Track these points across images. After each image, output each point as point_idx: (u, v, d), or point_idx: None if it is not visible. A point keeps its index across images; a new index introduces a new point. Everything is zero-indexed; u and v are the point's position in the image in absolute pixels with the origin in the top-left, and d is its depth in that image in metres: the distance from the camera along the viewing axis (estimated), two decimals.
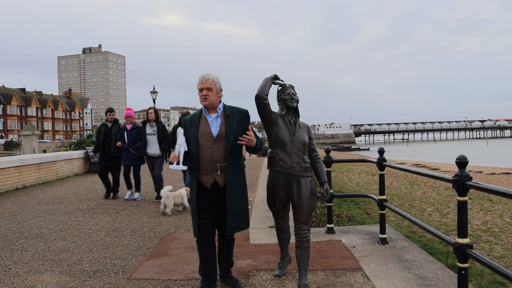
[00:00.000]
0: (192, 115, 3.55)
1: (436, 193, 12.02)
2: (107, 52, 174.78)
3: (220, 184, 3.38)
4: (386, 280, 3.80)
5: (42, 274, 4.23)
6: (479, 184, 2.93)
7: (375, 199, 5.32)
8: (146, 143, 8.38)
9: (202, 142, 3.37)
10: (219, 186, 3.39)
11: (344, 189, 12.37)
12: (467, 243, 3.06)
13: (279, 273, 3.97)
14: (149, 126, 8.48)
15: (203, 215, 3.41)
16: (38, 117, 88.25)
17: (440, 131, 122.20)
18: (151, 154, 8.44)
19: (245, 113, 3.52)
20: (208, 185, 3.40)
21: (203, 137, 3.37)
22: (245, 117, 3.50)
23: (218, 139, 3.36)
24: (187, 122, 3.51)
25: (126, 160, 8.74)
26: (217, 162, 3.36)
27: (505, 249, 6.16)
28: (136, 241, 5.47)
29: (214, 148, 3.35)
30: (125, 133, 8.68)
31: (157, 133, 8.39)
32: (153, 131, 8.42)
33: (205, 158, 3.37)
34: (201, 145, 3.37)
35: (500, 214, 8.85)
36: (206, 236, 3.43)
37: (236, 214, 3.39)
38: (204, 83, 3.36)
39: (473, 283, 4.17)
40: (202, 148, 3.37)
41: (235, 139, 3.36)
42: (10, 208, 8.16)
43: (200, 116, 3.46)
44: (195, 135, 3.38)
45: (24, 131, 28.30)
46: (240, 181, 3.46)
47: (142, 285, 3.87)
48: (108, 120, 9.15)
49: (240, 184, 3.46)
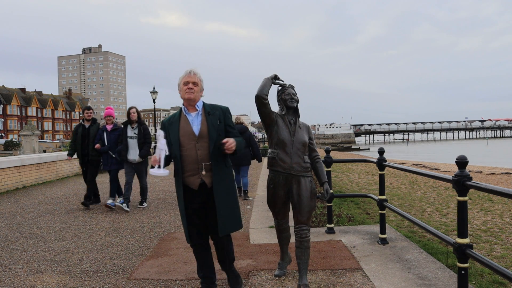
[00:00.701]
0: (172, 116, 3.40)
1: (436, 193, 12.02)
2: (107, 52, 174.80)
3: (207, 184, 3.24)
4: (386, 280, 3.80)
5: (42, 274, 4.23)
6: (479, 184, 2.93)
7: (375, 199, 5.32)
8: (127, 147, 7.53)
9: (185, 142, 3.23)
10: (207, 187, 3.25)
11: (344, 189, 12.37)
12: (467, 243, 3.06)
13: (279, 273, 3.97)
14: (131, 128, 7.61)
15: (193, 220, 3.30)
16: (38, 117, 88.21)
17: (440, 131, 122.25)
18: (130, 160, 7.56)
19: (226, 110, 3.40)
20: (195, 187, 3.25)
21: (185, 137, 3.23)
22: (226, 114, 3.38)
23: (201, 138, 3.22)
24: (167, 124, 3.36)
25: (106, 165, 7.87)
26: (202, 161, 3.23)
27: (505, 249, 6.16)
28: (136, 241, 5.47)
29: (198, 147, 3.22)
30: (105, 134, 7.86)
31: (138, 137, 7.50)
32: (134, 134, 7.54)
33: (189, 158, 3.23)
34: (183, 145, 3.23)
35: (500, 214, 8.85)
36: (199, 241, 3.36)
37: (227, 214, 3.25)
38: (192, 77, 3.26)
39: (473, 283, 4.17)
40: (185, 149, 3.23)
41: (218, 136, 3.24)
42: (10, 208, 8.16)
43: (180, 116, 3.33)
44: (176, 135, 3.24)
45: (24, 131, 28.32)
46: (228, 179, 3.32)
47: (142, 285, 3.87)
48: (85, 119, 8.31)
49: (229, 182, 3.32)
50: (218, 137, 3.22)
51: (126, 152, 7.51)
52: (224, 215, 3.22)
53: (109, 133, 7.83)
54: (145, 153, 7.53)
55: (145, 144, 7.52)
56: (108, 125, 7.96)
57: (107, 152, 7.80)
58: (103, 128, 7.98)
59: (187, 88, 3.23)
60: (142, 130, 7.54)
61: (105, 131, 7.88)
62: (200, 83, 3.30)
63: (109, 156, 7.81)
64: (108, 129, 7.90)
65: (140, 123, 7.62)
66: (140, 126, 7.57)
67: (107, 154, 7.82)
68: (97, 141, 7.87)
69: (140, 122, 7.65)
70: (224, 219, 3.22)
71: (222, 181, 3.25)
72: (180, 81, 3.30)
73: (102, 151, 7.80)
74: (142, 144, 7.50)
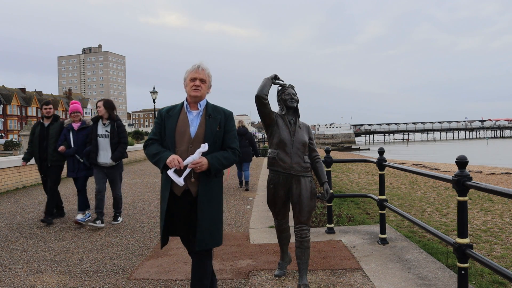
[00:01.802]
0: (172, 107, 3.08)
1: (436, 193, 12.02)
2: (107, 52, 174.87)
3: (192, 193, 2.91)
4: (386, 280, 3.80)
5: (42, 274, 4.23)
6: (479, 184, 2.93)
7: (375, 199, 5.32)
8: (97, 148, 6.18)
9: (178, 142, 2.93)
10: (191, 195, 2.92)
11: (344, 189, 12.37)
12: (467, 243, 3.06)
13: (279, 273, 3.98)
14: (101, 125, 6.26)
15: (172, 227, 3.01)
16: (38, 117, 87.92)
17: (440, 131, 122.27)
18: (101, 163, 6.20)
19: (230, 115, 3.09)
20: (179, 193, 2.93)
21: (179, 136, 2.93)
22: (228, 119, 3.05)
23: (195, 141, 2.91)
24: (164, 114, 3.03)
25: (72, 171, 6.52)
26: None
27: (505, 249, 6.16)
28: (136, 241, 5.47)
29: (190, 150, 2.89)
30: (71, 134, 6.50)
31: (111, 135, 6.18)
32: (105, 132, 6.21)
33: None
34: (176, 145, 2.93)
35: (500, 214, 8.85)
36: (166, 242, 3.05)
37: (208, 227, 2.89)
38: (200, 72, 2.98)
39: (473, 283, 4.17)
40: (177, 150, 2.92)
41: (214, 143, 2.92)
42: (10, 208, 8.16)
43: (180, 111, 3.02)
44: (173, 132, 2.94)
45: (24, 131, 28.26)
46: (214, 189, 2.97)
47: (142, 285, 3.87)
48: (45, 116, 6.82)
49: (215, 193, 2.97)
50: (213, 144, 2.92)
51: (96, 154, 6.18)
52: (204, 228, 2.87)
53: (76, 133, 6.50)
54: (119, 155, 6.21)
55: (120, 145, 6.21)
56: (75, 123, 6.59)
57: (73, 156, 6.48)
58: (68, 126, 6.61)
59: (194, 85, 2.96)
60: (116, 128, 6.23)
61: (71, 131, 6.53)
62: (208, 80, 3.03)
63: (75, 161, 6.48)
64: (75, 127, 6.54)
65: (113, 119, 6.28)
66: (113, 123, 6.25)
67: (73, 158, 6.49)
68: (61, 142, 6.51)
69: (113, 118, 6.29)
70: (203, 232, 2.87)
71: (208, 191, 2.92)
72: (187, 75, 3.03)
73: (67, 154, 6.46)
74: (116, 144, 6.19)
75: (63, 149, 6.42)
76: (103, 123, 6.26)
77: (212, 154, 2.88)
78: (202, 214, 2.87)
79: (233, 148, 3.00)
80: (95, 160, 6.19)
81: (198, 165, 2.78)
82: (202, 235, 2.87)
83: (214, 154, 2.89)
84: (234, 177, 12.33)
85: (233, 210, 7.50)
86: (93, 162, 6.23)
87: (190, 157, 2.78)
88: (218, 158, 2.89)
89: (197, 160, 2.78)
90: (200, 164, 2.79)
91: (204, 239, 2.87)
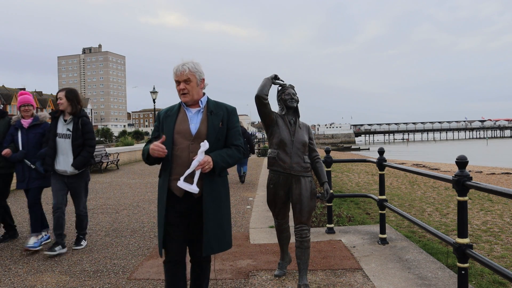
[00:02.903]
0: (170, 108, 2.93)
1: (436, 193, 12.02)
2: (107, 52, 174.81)
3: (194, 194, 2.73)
4: (386, 280, 3.80)
5: (42, 274, 4.23)
6: (479, 184, 2.93)
7: (375, 199, 5.32)
8: (55, 151, 4.81)
9: (178, 140, 2.76)
10: (193, 196, 2.74)
11: (344, 189, 12.37)
12: (467, 243, 3.06)
13: (279, 273, 3.98)
14: (62, 122, 4.89)
15: (172, 232, 2.75)
16: None
17: (440, 131, 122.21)
18: (59, 171, 4.81)
19: (233, 110, 2.90)
20: (180, 194, 2.74)
21: (180, 134, 2.77)
22: (231, 115, 2.88)
23: (197, 138, 2.73)
24: (163, 116, 2.89)
25: (22, 181, 5.18)
26: None
27: (505, 249, 6.16)
28: (136, 241, 5.47)
29: (192, 148, 2.72)
30: (19, 133, 5.20)
31: (73, 135, 4.81)
32: (67, 131, 4.83)
33: (180, 160, 2.73)
34: (176, 143, 2.76)
35: (500, 214, 8.85)
36: (175, 258, 2.78)
37: (215, 231, 2.72)
38: (180, 75, 2.76)
39: (473, 283, 4.17)
40: (177, 148, 2.75)
41: (217, 140, 2.77)
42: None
43: (178, 110, 2.87)
44: (171, 131, 2.77)
45: None
46: (220, 190, 2.80)
47: (142, 285, 3.87)
48: None
49: (221, 193, 2.80)
50: (217, 141, 2.77)
51: (53, 158, 4.81)
52: (211, 231, 2.70)
53: (26, 132, 5.20)
54: (83, 162, 4.83)
55: (84, 148, 4.86)
56: (25, 120, 5.24)
57: (22, 161, 5.14)
58: (16, 124, 5.26)
59: (179, 90, 2.79)
60: (81, 126, 4.86)
61: (20, 129, 5.22)
62: (194, 78, 2.79)
63: (25, 168, 5.15)
64: (25, 125, 5.20)
65: (77, 115, 4.88)
66: (77, 120, 4.86)
67: (22, 164, 5.15)
68: (6, 144, 5.21)
69: (78, 113, 4.89)
70: (211, 236, 2.70)
71: (213, 191, 2.74)
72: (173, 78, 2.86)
73: (14, 159, 5.12)
74: (79, 146, 4.84)
75: (8, 152, 5.07)
76: (64, 120, 4.88)
77: (216, 152, 2.73)
78: (209, 216, 2.70)
79: (237, 145, 2.85)
80: (52, 167, 4.81)
81: (206, 163, 2.63)
82: (209, 240, 2.69)
83: (217, 152, 2.74)
84: (234, 176, 12.33)
85: (233, 210, 7.50)
86: (48, 169, 4.87)
87: (195, 160, 2.63)
88: (222, 155, 2.74)
89: (204, 160, 2.63)
90: (207, 163, 2.63)
91: (211, 245, 2.70)
